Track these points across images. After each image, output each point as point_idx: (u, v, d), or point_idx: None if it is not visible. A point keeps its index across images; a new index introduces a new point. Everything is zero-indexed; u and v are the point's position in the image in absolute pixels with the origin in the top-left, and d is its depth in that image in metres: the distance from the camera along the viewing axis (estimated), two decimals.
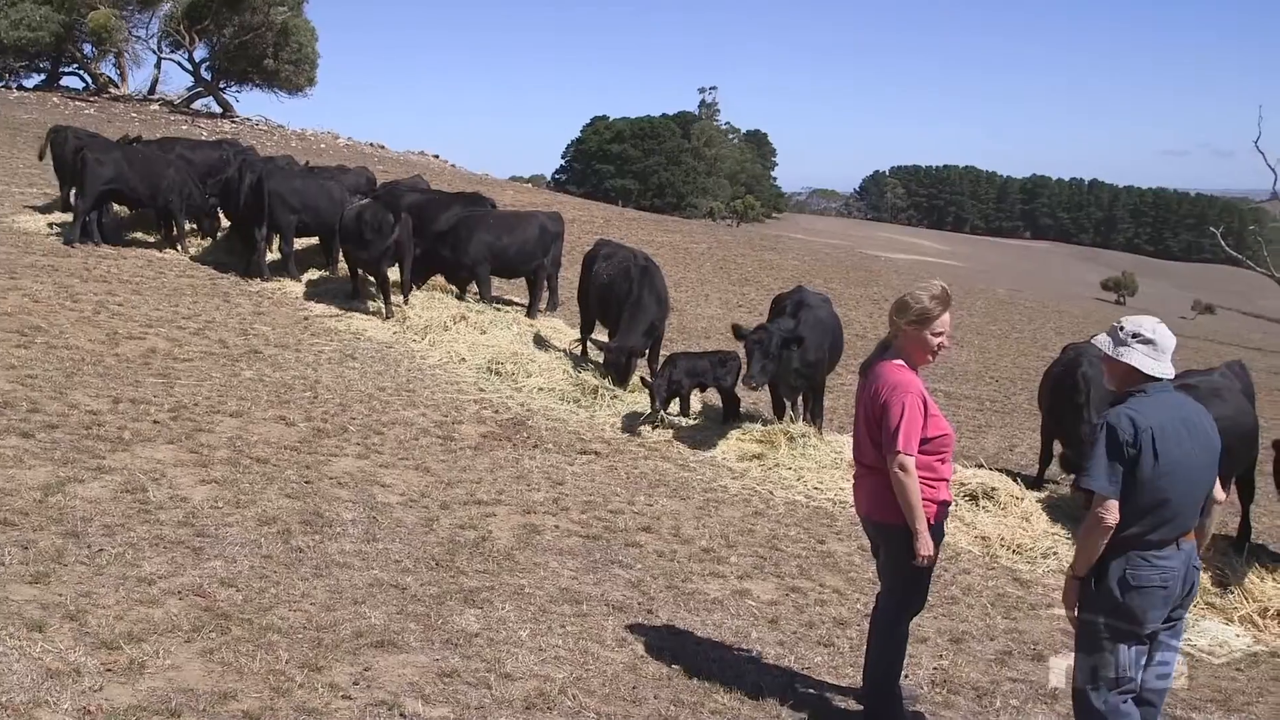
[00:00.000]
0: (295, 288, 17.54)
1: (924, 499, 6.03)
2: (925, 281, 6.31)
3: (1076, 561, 5.59)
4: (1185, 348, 31.05)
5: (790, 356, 12.35)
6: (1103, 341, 5.68)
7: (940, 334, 6.11)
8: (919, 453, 6.03)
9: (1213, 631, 9.22)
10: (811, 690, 6.85)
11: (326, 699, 5.80)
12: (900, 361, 6.17)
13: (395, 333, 15.69)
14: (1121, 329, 5.63)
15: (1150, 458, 5.34)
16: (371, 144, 46.30)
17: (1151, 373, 5.53)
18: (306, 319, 15.89)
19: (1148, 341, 5.55)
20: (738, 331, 12.60)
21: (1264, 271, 53.29)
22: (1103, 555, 5.46)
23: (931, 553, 6.09)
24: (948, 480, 6.27)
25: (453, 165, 47.44)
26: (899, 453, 5.95)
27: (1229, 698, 7.77)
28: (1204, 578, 9.95)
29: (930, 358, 6.21)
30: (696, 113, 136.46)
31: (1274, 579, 10.23)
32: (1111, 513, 5.35)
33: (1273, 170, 49.65)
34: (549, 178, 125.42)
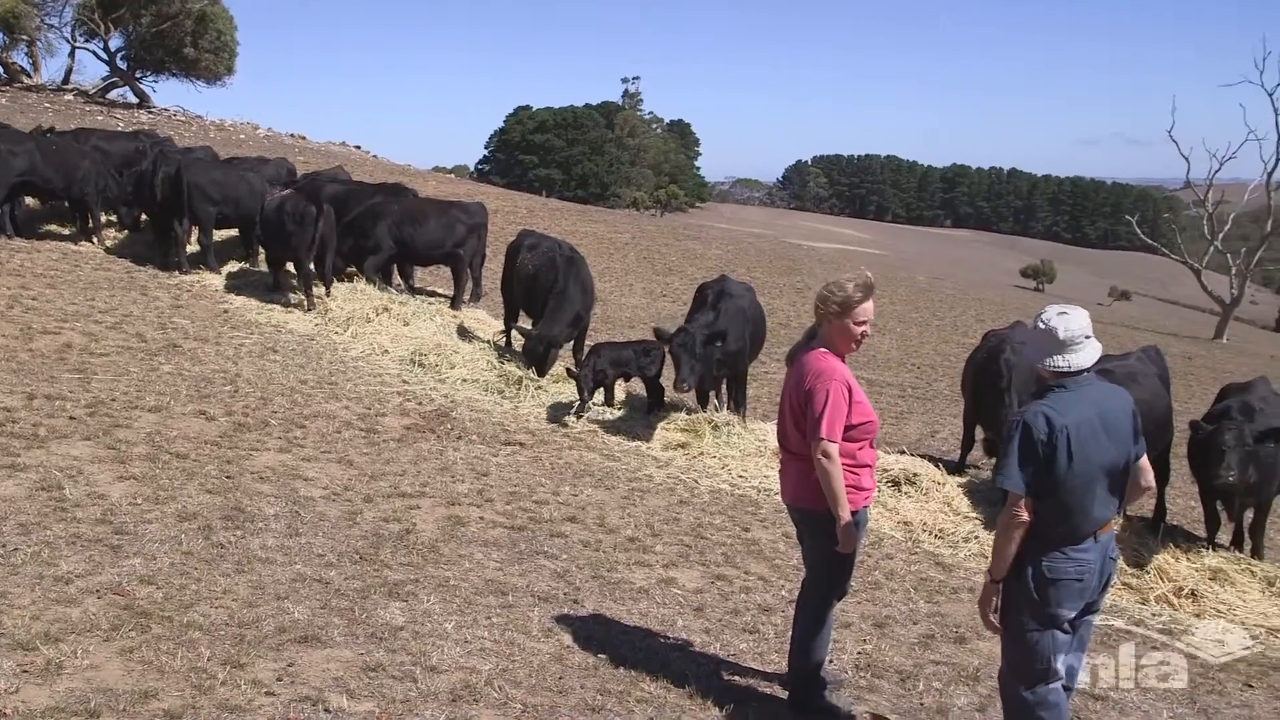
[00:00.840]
0: (215, 280, 17.32)
1: (847, 485, 6.07)
2: (849, 271, 6.36)
3: (993, 564, 5.57)
4: (1103, 334, 31.38)
5: (714, 351, 12.42)
6: (1026, 333, 5.61)
7: (863, 322, 6.16)
8: (842, 440, 6.08)
9: (1130, 612, 9.39)
10: (737, 677, 6.89)
11: (249, 696, 5.74)
12: (825, 350, 6.22)
13: (317, 325, 15.57)
14: (1046, 323, 5.57)
15: (1065, 456, 5.33)
16: (292, 135, 45.81)
17: (1075, 369, 5.53)
18: (226, 312, 15.70)
19: (1082, 340, 5.54)
20: (659, 335, 12.66)
21: (1178, 258, 54.23)
22: (1020, 551, 5.46)
23: (854, 541, 6.14)
24: (870, 467, 6.33)
25: (375, 156, 47.09)
26: (822, 439, 6.00)
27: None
28: (1120, 558, 10.14)
29: (854, 346, 6.26)
30: (620, 102, 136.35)
31: (1188, 559, 10.45)
32: (1024, 512, 5.37)
33: (1186, 159, 50.62)
34: (472, 168, 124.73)
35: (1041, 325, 5.57)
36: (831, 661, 6.99)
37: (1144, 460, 5.75)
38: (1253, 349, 41.53)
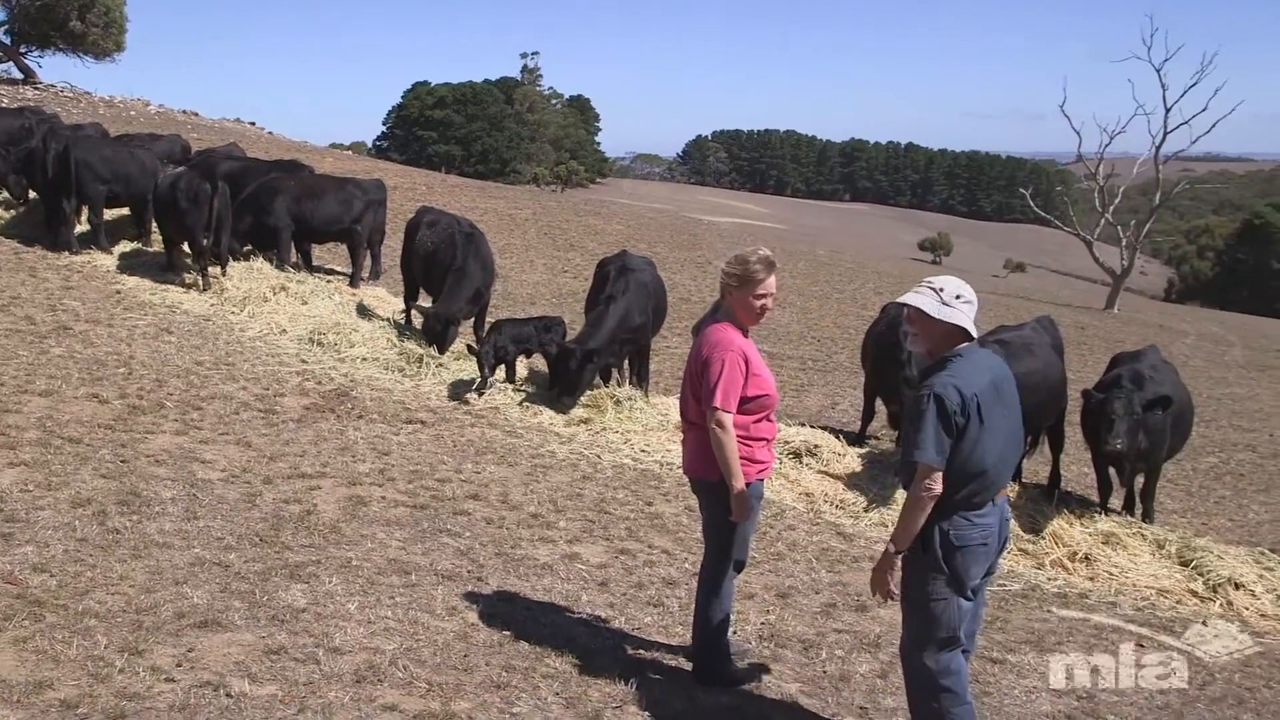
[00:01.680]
0: (106, 260, 16.99)
1: (741, 457, 6.13)
2: (751, 246, 6.42)
3: (899, 536, 5.50)
4: (998, 305, 32.11)
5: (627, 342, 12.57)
6: (926, 303, 5.55)
7: (763, 296, 6.21)
8: (739, 412, 6.14)
9: (1026, 577, 9.59)
10: (642, 650, 6.92)
11: (148, 683, 5.66)
12: (727, 322, 6.28)
13: (213, 305, 15.33)
14: (942, 290, 5.58)
15: (976, 424, 5.38)
16: (185, 111, 44.84)
17: (973, 333, 5.58)
18: (119, 293, 15.40)
19: (969, 302, 5.58)
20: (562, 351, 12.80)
21: (1071, 231, 55.20)
22: (926, 521, 5.47)
23: (747, 511, 6.20)
24: (767, 441, 6.38)
25: (270, 133, 46.28)
26: (716, 408, 6.06)
27: (1041, 638, 8.10)
28: (1016, 525, 10.37)
29: (756, 319, 6.31)
30: (519, 78, 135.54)
31: (1081, 525, 10.68)
32: (938, 484, 5.37)
33: (1077, 134, 51.40)
34: (370, 145, 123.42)
35: (929, 290, 5.61)
36: (735, 632, 7.05)
37: None
38: (1142, 318, 42.44)
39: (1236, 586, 9.59)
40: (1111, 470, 11.48)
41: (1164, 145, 48.54)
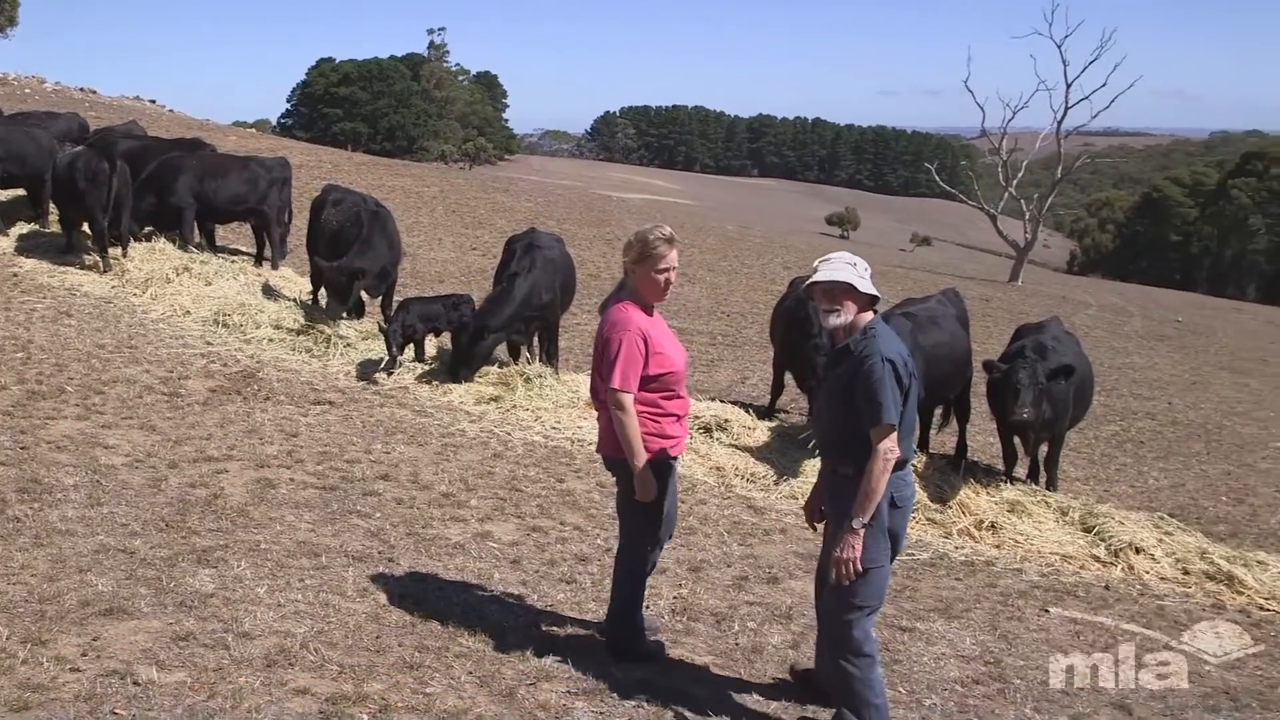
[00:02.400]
0: (3, 242, 16.66)
1: (649, 434, 6.18)
2: (651, 224, 6.43)
3: (864, 506, 5.48)
4: (905, 279, 32.46)
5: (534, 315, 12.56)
6: (853, 278, 5.68)
7: (665, 271, 6.23)
8: (644, 390, 6.18)
9: (934, 546, 9.73)
10: (555, 627, 6.93)
11: (53, 673, 5.56)
12: (630, 300, 6.29)
13: (114, 287, 15.05)
14: (855, 264, 5.76)
15: (913, 386, 5.61)
16: (82, 89, 43.84)
17: (877, 300, 5.80)
18: (16, 275, 15.08)
19: (868, 272, 5.80)
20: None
21: (975, 205, 55.85)
22: None
23: (651, 490, 6.21)
24: (679, 416, 6.40)
25: (171, 111, 45.38)
26: (614, 389, 6.11)
27: (949, 606, 8.24)
28: (924, 494, 10.53)
29: (660, 294, 6.33)
30: (426, 54, 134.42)
31: (988, 494, 10.86)
32: (897, 447, 5.49)
33: (981, 109, 52.05)
34: (274, 123, 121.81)
35: (845, 265, 5.76)
36: (648, 608, 7.08)
37: None
38: (1045, 290, 43.09)
39: (1137, 551, 9.82)
40: (1016, 439, 11.69)
41: (1065, 120, 49.33)
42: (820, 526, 6.29)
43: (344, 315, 14.10)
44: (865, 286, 5.68)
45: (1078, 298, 40.51)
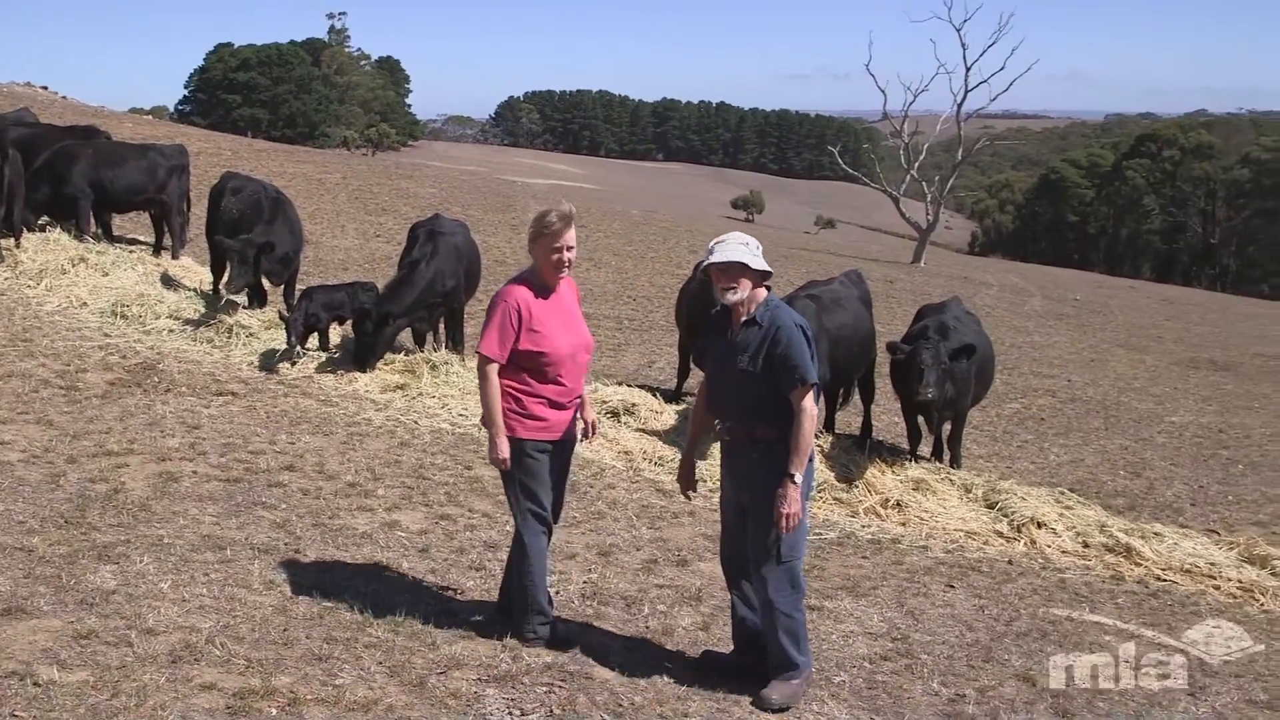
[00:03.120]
0: None
1: (507, 409, 6.36)
2: (551, 204, 6.48)
3: (798, 461, 5.87)
4: (810, 261, 32.73)
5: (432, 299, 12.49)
6: (747, 256, 5.97)
7: (559, 250, 6.33)
8: (514, 363, 6.34)
9: (840, 524, 9.84)
10: (465, 615, 6.88)
11: None
12: (528, 278, 6.45)
13: (7, 279, 14.68)
14: (747, 244, 6.05)
15: (819, 363, 6.06)
16: None
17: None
18: None
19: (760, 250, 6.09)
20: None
21: (878, 187, 56.50)
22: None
23: (498, 454, 6.38)
24: (549, 401, 6.44)
25: (64, 97, 44.43)
26: (479, 352, 6.37)
27: (856, 584, 8.34)
28: (830, 474, 10.64)
29: (556, 271, 6.41)
30: (326, 39, 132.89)
31: (893, 472, 11.00)
32: (815, 403, 5.96)
33: (883, 92, 52.60)
34: (172, 109, 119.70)
35: (739, 245, 6.06)
36: (558, 593, 7.09)
37: None
38: (947, 271, 43.69)
39: (1039, 525, 10.03)
40: (920, 419, 11.85)
41: (965, 103, 50.11)
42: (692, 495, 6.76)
43: (246, 289, 13.86)
44: (758, 264, 5.98)
45: (979, 278, 41.15)
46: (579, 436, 6.80)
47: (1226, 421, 17.89)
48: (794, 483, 5.86)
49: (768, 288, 6.11)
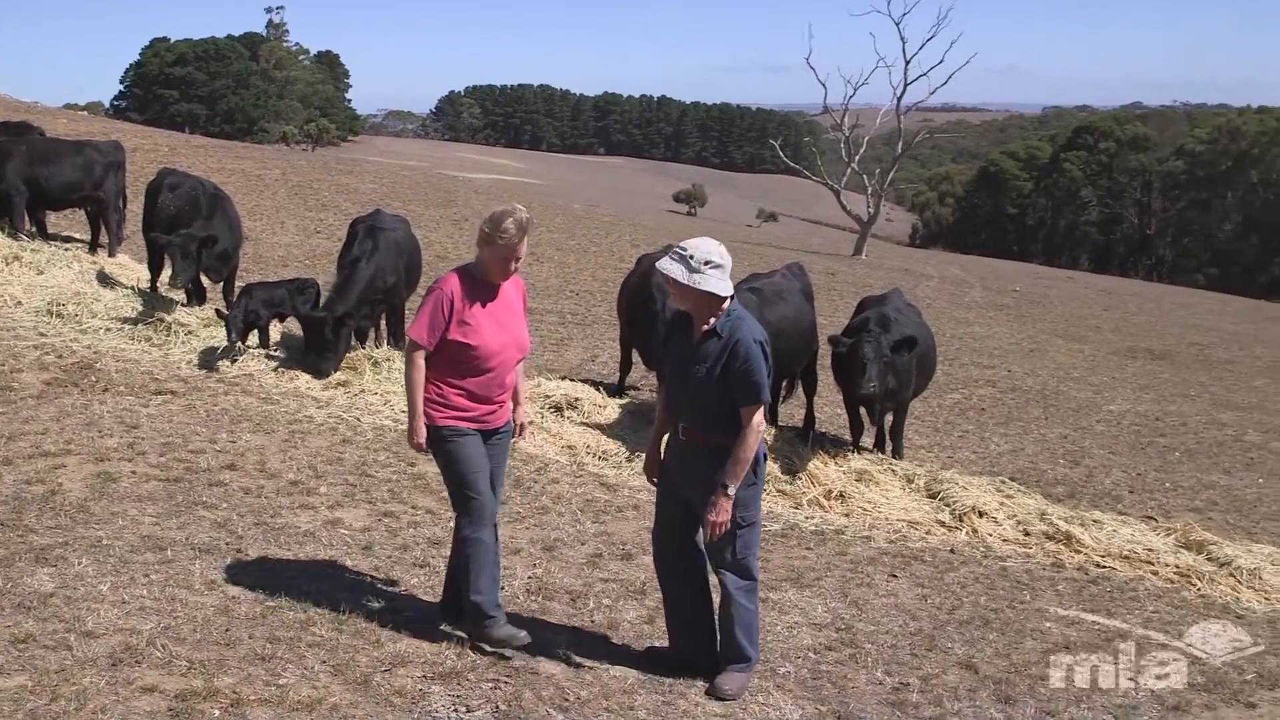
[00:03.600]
0: None
1: (428, 398, 6.35)
2: (510, 206, 6.40)
3: (738, 473, 5.95)
4: (752, 254, 32.78)
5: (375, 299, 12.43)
6: (674, 269, 5.98)
7: (508, 259, 6.36)
8: (442, 352, 6.32)
9: (785, 516, 9.90)
10: (410, 612, 6.88)
11: None
12: (470, 270, 6.46)
13: None
14: (692, 257, 5.97)
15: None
16: None
17: (726, 295, 6.01)
18: None
19: (719, 266, 5.99)
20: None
21: (819, 180, 56.76)
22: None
23: (415, 437, 6.39)
24: (471, 393, 6.42)
25: None
26: (408, 336, 6.39)
27: (800, 575, 8.41)
28: (774, 466, 10.70)
29: (502, 272, 6.42)
30: (264, 33, 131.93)
31: (836, 464, 11.08)
32: (764, 419, 6.04)
33: (823, 85, 52.97)
34: (108, 105, 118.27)
35: (679, 256, 6.05)
36: (503, 588, 7.07)
37: None
38: (888, 263, 43.97)
39: (980, 514, 10.14)
40: (862, 410, 11.93)
41: (904, 96, 50.53)
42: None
43: (185, 287, 13.70)
44: (688, 279, 5.99)
45: (919, 270, 41.45)
46: (514, 431, 6.77)
47: (1163, 409, 18.15)
48: (726, 495, 5.94)
49: (732, 296, 6.11)
